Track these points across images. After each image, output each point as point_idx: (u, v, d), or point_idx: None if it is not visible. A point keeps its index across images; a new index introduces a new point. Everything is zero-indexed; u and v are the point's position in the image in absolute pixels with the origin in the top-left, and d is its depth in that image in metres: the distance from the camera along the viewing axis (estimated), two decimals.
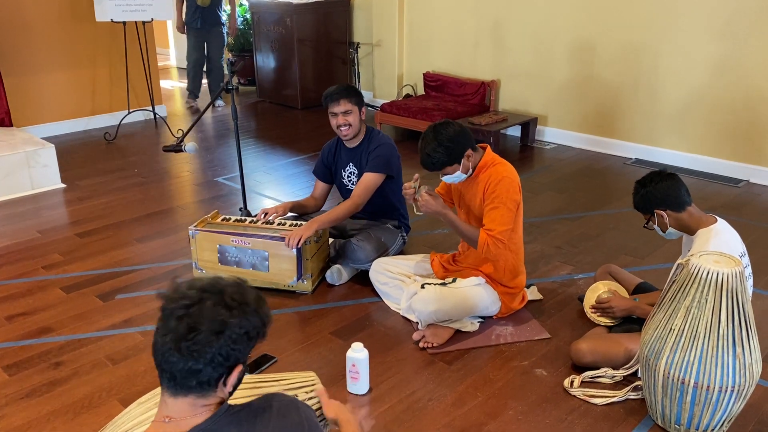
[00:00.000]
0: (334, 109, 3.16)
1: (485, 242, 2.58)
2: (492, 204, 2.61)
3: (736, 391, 2.03)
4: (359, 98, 3.20)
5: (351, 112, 3.16)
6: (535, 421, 2.27)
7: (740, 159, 4.69)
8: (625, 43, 5.01)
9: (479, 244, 2.60)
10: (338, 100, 3.15)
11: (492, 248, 2.58)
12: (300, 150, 5.50)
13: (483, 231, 2.60)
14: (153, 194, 4.51)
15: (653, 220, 2.43)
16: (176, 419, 1.23)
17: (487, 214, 2.63)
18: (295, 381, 1.71)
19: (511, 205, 2.60)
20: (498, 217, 2.59)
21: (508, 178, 2.62)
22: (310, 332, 2.82)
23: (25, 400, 2.40)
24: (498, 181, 2.61)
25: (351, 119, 3.17)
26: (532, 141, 5.64)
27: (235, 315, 1.22)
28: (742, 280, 1.99)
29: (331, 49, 6.96)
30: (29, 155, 4.54)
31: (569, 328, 2.81)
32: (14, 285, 3.25)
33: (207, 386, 1.23)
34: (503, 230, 2.58)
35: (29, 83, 5.71)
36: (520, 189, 2.66)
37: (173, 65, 9.86)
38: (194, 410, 1.24)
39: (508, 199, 2.59)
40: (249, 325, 1.24)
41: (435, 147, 2.60)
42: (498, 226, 2.58)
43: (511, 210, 2.60)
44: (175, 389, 1.23)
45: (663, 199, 2.37)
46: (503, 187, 2.60)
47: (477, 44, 5.95)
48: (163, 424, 1.24)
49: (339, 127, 3.19)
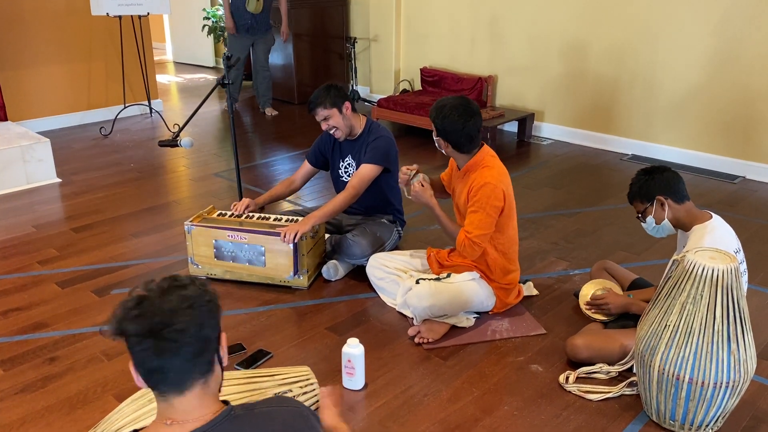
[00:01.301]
0: (315, 118, 3.19)
1: (462, 242, 2.65)
2: (473, 207, 2.64)
3: (731, 387, 2.03)
4: (335, 98, 3.13)
5: (330, 117, 3.15)
6: (531, 417, 2.27)
7: (736, 155, 4.69)
8: (622, 39, 5.00)
9: (457, 243, 2.68)
10: (314, 110, 3.16)
11: (468, 249, 2.65)
12: (296, 145, 5.49)
13: (462, 231, 2.66)
14: (149, 189, 4.49)
15: (650, 211, 2.42)
16: (179, 422, 1.21)
17: (468, 216, 2.67)
18: (290, 376, 1.71)
19: (491, 211, 2.62)
20: (476, 221, 2.62)
21: (490, 184, 2.61)
22: (305, 328, 2.82)
23: (20, 395, 2.40)
24: (480, 186, 2.62)
25: (332, 123, 3.17)
26: (528, 137, 5.64)
27: (189, 289, 1.21)
28: (737, 276, 1.99)
29: (327, 44, 6.95)
30: (24, 150, 4.52)
31: (565, 324, 2.82)
32: (9, 280, 3.24)
33: (208, 368, 1.22)
34: (480, 234, 2.62)
35: (24, 77, 5.69)
36: (504, 195, 2.64)
37: (169, 60, 9.83)
38: (201, 404, 1.22)
39: (488, 205, 2.61)
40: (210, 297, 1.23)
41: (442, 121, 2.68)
42: (475, 230, 2.62)
43: (490, 215, 2.62)
44: (180, 386, 1.20)
45: (667, 188, 2.38)
46: (484, 193, 2.61)
47: (474, 40, 5.94)
48: (164, 426, 1.21)
49: (328, 131, 3.21)
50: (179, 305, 1.18)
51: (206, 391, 1.23)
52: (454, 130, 2.63)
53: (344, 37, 7.03)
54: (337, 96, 3.14)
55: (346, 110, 3.18)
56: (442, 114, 2.64)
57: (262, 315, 2.91)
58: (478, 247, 2.64)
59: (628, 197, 2.51)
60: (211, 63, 9.17)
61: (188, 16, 8.90)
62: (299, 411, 1.32)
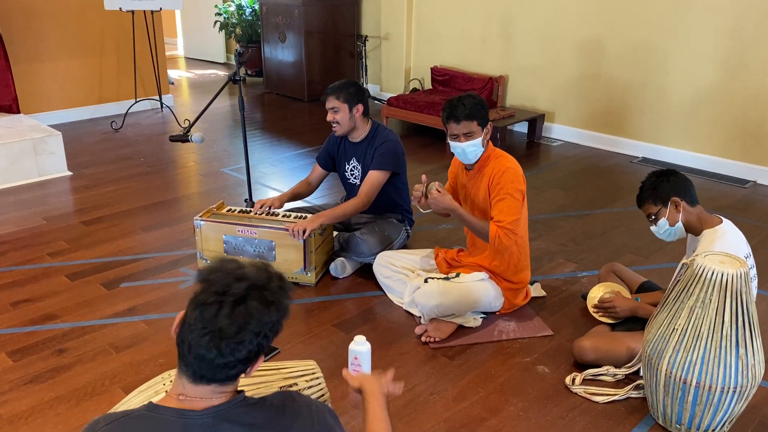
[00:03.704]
0: (325, 105, 3.18)
1: (496, 234, 2.57)
2: (498, 196, 2.61)
3: (738, 391, 2.03)
4: (351, 96, 3.13)
5: (338, 110, 3.14)
6: (536, 418, 2.27)
7: (747, 160, 4.67)
8: (634, 41, 4.98)
9: (491, 237, 2.58)
10: (327, 96, 3.16)
11: (504, 239, 2.57)
12: (305, 142, 5.50)
13: (493, 223, 2.59)
14: (158, 184, 4.52)
15: (663, 213, 2.41)
16: (191, 398, 1.23)
17: (494, 206, 2.63)
18: (296, 370, 1.71)
19: (517, 195, 2.61)
20: (505, 208, 2.59)
21: (511, 169, 2.63)
22: (312, 324, 2.83)
23: (29, 385, 2.42)
24: (502, 172, 2.62)
25: (338, 117, 3.16)
26: (538, 138, 5.63)
27: (273, 312, 1.23)
28: (746, 281, 1.98)
29: (338, 42, 6.95)
30: (36, 142, 4.55)
31: (572, 326, 2.81)
32: (20, 271, 3.27)
33: (234, 377, 1.24)
34: (512, 220, 2.58)
35: (37, 70, 5.72)
36: (524, 179, 2.66)
37: (181, 55, 9.86)
38: (211, 395, 1.24)
39: (513, 190, 2.60)
40: (279, 320, 1.25)
41: (472, 99, 2.64)
42: (507, 217, 2.58)
43: (517, 200, 2.60)
44: (199, 378, 1.22)
45: (682, 189, 2.37)
46: (507, 178, 2.60)
47: (485, 39, 5.93)
48: (176, 399, 1.23)
49: (330, 122, 3.22)
50: (254, 329, 1.20)
51: (218, 390, 1.24)
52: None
53: (355, 35, 7.03)
54: (353, 95, 3.14)
55: (356, 112, 3.18)
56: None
57: None
58: (513, 234, 2.57)
59: (638, 200, 2.49)
60: (222, 59, 9.21)
61: (200, 12, 8.94)
62: (310, 406, 1.33)
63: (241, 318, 1.19)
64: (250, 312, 1.20)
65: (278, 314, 1.24)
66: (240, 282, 1.21)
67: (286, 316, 1.27)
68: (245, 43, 7.90)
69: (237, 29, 8.04)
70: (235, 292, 1.20)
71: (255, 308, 1.20)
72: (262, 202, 3.23)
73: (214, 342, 1.18)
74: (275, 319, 1.24)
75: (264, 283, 1.23)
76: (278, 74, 7.17)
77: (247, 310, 1.20)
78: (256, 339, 1.21)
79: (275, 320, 1.24)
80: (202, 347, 1.19)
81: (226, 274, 1.22)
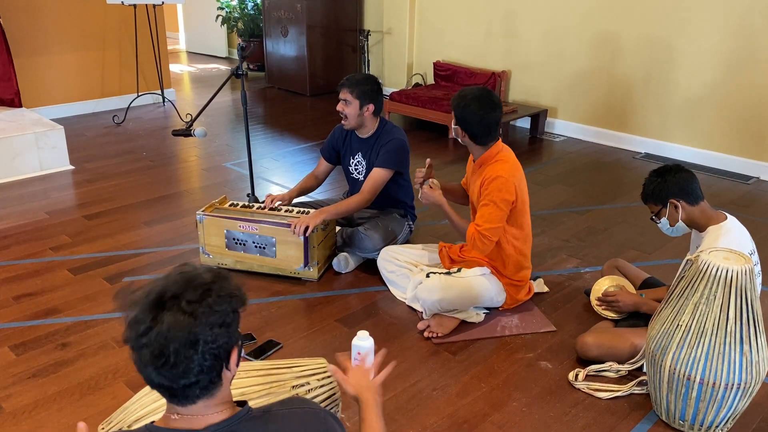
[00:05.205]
0: (339, 94, 3.18)
1: (472, 236, 2.63)
2: (484, 201, 2.64)
3: (742, 388, 2.02)
4: (365, 93, 3.12)
5: (349, 103, 3.13)
6: (539, 414, 2.27)
7: (751, 156, 4.65)
8: (638, 37, 4.96)
9: (467, 237, 2.65)
10: (342, 87, 3.16)
11: (478, 242, 2.62)
12: (308, 137, 5.50)
13: (472, 225, 2.65)
14: (161, 178, 4.51)
15: (663, 212, 2.41)
16: (187, 417, 1.17)
17: (479, 209, 2.67)
18: (308, 368, 1.71)
19: (502, 205, 2.61)
20: (486, 214, 2.61)
21: (502, 178, 2.61)
22: (315, 319, 2.83)
23: (32, 380, 2.42)
24: (492, 179, 2.62)
25: (347, 110, 3.15)
26: (541, 133, 5.62)
27: (201, 317, 1.11)
28: (751, 277, 1.97)
29: (341, 37, 6.93)
30: (38, 136, 4.54)
31: (575, 322, 2.81)
32: (22, 265, 3.27)
33: (211, 386, 1.16)
34: (490, 227, 2.60)
35: (39, 64, 5.72)
36: (515, 189, 2.63)
37: (183, 49, 9.85)
38: (207, 411, 1.18)
39: (498, 199, 2.60)
40: (221, 315, 1.14)
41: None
42: (485, 223, 2.61)
43: (500, 209, 2.61)
44: (179, 400, 1.16)
45: (680, 190, 2.35)
46: (495, 186, 2.61)
47: (488, 34, 5.91)
48: (172, 419, 1.18)
49: (339, 112, 3.21)
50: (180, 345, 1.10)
51: (210, 402, 1.18)
52: (473, 121, 2.63)
53: (358, 29, 7.01)
54: (367, 93, 3.12)
55: (366, 111, 3.16)
56: (463, 103, 2.65)
57: (273, 306, 2.92)
58: (489, 241, 2.62)
59: (642, 198, 2.49)
60: (224, 53, 9.19)
61: (202, 6, 8.92)
62: (315, 413, 1.30)
63: (158, 343, 1.09)
64: (163, 334, 1.09)
65: (210, 316, 1.12)
66: (145, 309, 1.12)
67: (224, 306, 1.15)
68: (247, 37, 7.88)
69: (239, 23, 8.02)
70: (143, 318, 1.11)
71: (169, 326, 1.09)
72: (272, 198, 3.23)
73: (161, 373, 1.11)
74: (210, 323, 1.12)
75: (173, 296, 1.12)
76: (280, 69, 7.15)
77: (161, 333, 1.09)
78: (196, 352, 1.10)
79: (211, 323, 1.12)
80: (154, 380, 1.13)
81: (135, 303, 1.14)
